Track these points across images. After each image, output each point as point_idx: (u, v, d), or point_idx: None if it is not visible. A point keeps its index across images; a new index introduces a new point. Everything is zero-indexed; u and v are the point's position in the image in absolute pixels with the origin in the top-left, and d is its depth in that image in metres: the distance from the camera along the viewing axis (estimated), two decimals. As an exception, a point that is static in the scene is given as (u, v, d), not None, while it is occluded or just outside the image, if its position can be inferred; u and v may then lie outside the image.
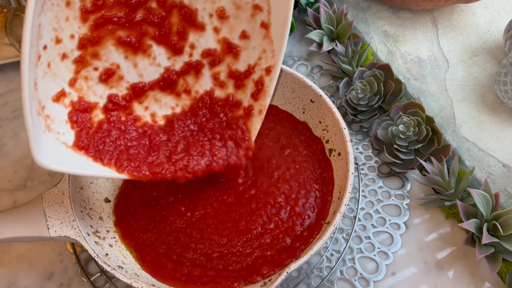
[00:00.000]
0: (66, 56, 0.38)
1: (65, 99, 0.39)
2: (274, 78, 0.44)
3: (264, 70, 0.45)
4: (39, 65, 0.34)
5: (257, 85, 0.46)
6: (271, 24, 0.42)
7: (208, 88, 0.48)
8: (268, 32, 0.43)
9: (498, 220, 0.45)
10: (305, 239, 0.45)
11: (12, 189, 0.57)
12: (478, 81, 0.62)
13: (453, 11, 0.69)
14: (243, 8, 0.43)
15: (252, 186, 0.49)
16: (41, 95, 0.34)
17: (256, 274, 0.43)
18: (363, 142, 0.58)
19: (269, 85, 0.45)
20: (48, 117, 0.36)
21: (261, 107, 0.46)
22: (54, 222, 0.43)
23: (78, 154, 0.38)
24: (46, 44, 0.35)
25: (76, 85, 0.40)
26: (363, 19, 0.70)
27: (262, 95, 0.46)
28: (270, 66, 0.44)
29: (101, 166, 0.40)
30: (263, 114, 0.46)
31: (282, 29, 0.41)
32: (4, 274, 0.50)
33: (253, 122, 0.47)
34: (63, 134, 0.37)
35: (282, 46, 0.42)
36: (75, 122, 0.39)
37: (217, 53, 0.46)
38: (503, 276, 0.47)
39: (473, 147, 0.56)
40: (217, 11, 0.44)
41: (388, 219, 0.52)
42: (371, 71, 0.58)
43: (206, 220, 0.47)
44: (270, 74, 0.44)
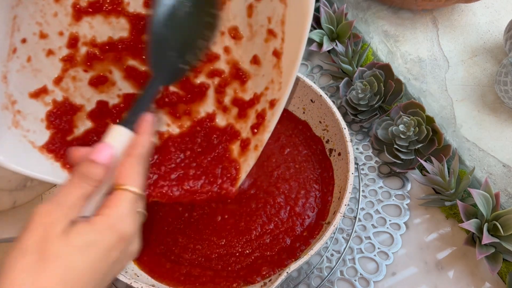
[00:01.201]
0: (53, 52, 0.37)
1: (46, 97, 0.37)
2: (277, 114, 0.40)
3: (268, 103, 0.42)
4: (14, 58, 0.33)
5: (258, 118, 0.43)
6: (283, 54, 0.39)
7: (211, 110, 0.45)
8: (279, 62, 0.40)
9: (498, 220, 0.45)
10: (305, 239, 0.45)
11: (11, 189, 0.57)
12: (479, 81, 0.62)
13: (453, 11, 0.69)
14: (257, 31, 0.41)
15: (252, 185, 0.49)
16: (13, 89, 0.33)
17: (256, 274, 0.43)
18: (363, 142, 0.58)
19: (270, 120, 0.41)
20: (19, 112, 0.34)
21: (258, 142, 0.42)
22: (54, 222, 0.43)
23: (43, 157, 0.36)
24: (25, 37, 0.34)
25: (62, 84, 0.39)
26: (363, 19, 0.70)
27: (261, 130, 0.42)
28: (275, 99, 0.41)
29: (67, 174, 0.37)
30: (259, 151, 0.42)
31: (293, 61, 0.38)
32: (4, 274, 0.50)
33: (248, 157, 0.43)
34: (34, 133, 0.36)
35: (290, 80, 0.39)
36: (52, 123, 0.38)
37: (225, 75, 0.44)
38: (503, 276, 0.47)
39: (473, 147, 0.56)
40: (230, 30, 0.42)
41: (388, 219, 0.52)
42: (371, 71, 0.58)
43: (205, 221, 0.47)
44: (273, 108, 0.41)
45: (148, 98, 0.33)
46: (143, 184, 0.28)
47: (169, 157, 0.43)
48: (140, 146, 0.29)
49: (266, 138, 0.42)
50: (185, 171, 0.43)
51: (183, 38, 0.39)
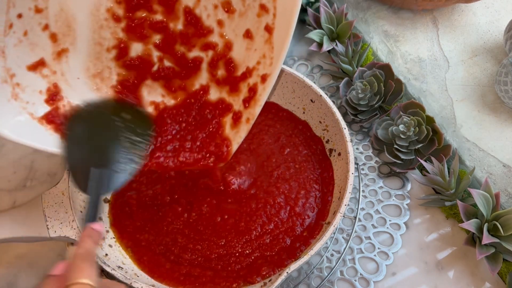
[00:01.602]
0: (49, 26, 0.38)
1: (44, 69, 0.38)
2: (268, 88, 0.42)
3: (260, 77, 0.43)
4: (10, 33, 0.34)
5: (250, 92, 0.44)
6: (275, 29, 0.40)
7: (204, 83, 0.46)
8: (271, 37, 0.41)
9: (498, 220, 0.45)
10: (305, 239, 0.45)
11: (11, 189, 0.57)
12: (479, 81, 0.62)
13: (454, 11, 0.69)
14: (249, 6, 0.42)
15: (252, 185, 0.49)
16: (11, 63, 0.34)
17: (256, 274, 0.43)
18: (363, 142, 0.58)
19: (261, 94, 0.42)
20: (18, 85, 0.35)
21: (249, 116, 0.44)
22: (53, 223, 0.43)
23: (43, 128, 0.37)
24: (21, 13, 0.35)
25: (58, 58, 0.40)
26: (363, 19, 0.70)
27: (253, 103, 0.43)
28: (266, 74, 0.42)
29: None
30: (250, 123, 0.43)
31: (284, 37, 0.39)
32: (4, 274, 0.50)
33: (239, 129, 0.44)
34: (33, 105, 0.37)
35: (281, 55, 0.40)
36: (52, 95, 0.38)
37: (218, 48, 0.45)
38: (503, 276, 0.47)
39: (473, 147, 0.56)
40: (223, 4, 0.43)
41: (389, 219, 0.52)
42: (371, 71, 0.58)
43: (204, 221, 0.47)
44: (264, 83, 0.42)
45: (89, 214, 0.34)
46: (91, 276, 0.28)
47: (165, 128, 0.44)
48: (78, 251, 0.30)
49: (257, 111, 0.43)
50: (181, 143, 0.44)
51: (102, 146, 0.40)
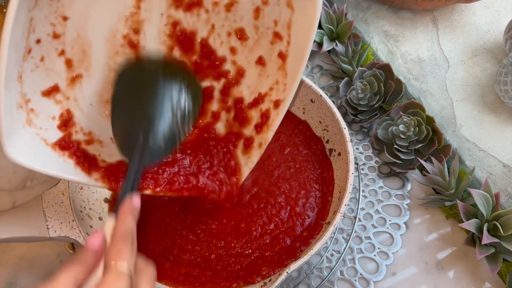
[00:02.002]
0: (65, 52, 0.38)
1: (58, 95, 0.38)
2: (281, 113, 0.42)
3: (272, 103, 0.43)
4: (28, 59, 0.34)
5: (262, 117, 0.44)
6: (288, 56, 0.40)
7: (216, 109, 0.46)
8: (284, 64, 0.41)
9: (498, 220, 0.45)
10: (305, 239, 0.45)
11: (11, 189, 0.57)
12: (479, 81, 0.62)
13: (454, 11, 0.69)
14: (263, 33, 0.42)
15: (254, 183, 0.49)
16: (26, 88, 0.34)
17: (256, 274, 0.43)
18: (363, 142, 0.58)
19: (274, 119, 0.42)
20: (32, 110, 0.35)
21: (262, 141, 0.44)
22: (53, 222, 0.43)
23: (56, 154, 0.36)
24: (40, 38, 0.34)
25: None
26: (363, 19, 0.70)
27: (265, 129, 0.43)
28: (279, 99, 0.42)
29: (80, 171, 0.37)
30: (263, 148, 0.44)
31: (298, 63, 0.39)
32: (4, 274, 0.50)
33: (251, 155, 0.45)
34: (46, 130, 0.36)
35: (294, 82, 0.40)
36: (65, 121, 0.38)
37: (230, 75, 0.45)
38: (504, 276, 0.47)
39: (473, 147, 0.56)
40: (236, 31, 0.43)
41: (388, 219, 0.52)
42: (371, 71, 0.58)
43: (200, 225, 0.47)
44: (277, 108, 0.42)
45: (128, 184, 0.33)
46: (129, 258, 0.28)
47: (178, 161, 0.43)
48: (119, 229, 0.30)
49: (270, 136, 0.43)
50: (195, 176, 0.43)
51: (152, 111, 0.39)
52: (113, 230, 0.30)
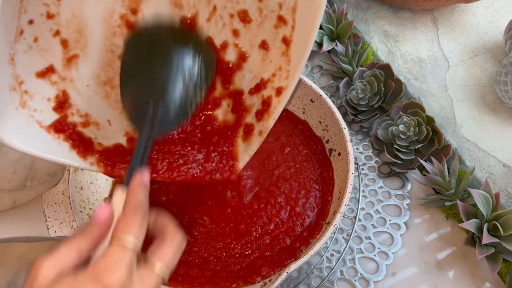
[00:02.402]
0: (60, 33, 0.37)
1: (53, 76, 0.37)
2: (283, 101, 0.40)
3: (275, 90, 0.41)
4: (21, 40, 0.33)
5: (263, 104, 0.42)
6: (293, 42, 0.39)
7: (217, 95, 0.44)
8: (288, 50, 0.39)
9: (498, 220, 0.45)
10: (305, 239, 0.45)
11: (11, 189, 0.57)
12: (479, 81, 0.62)
13: (454, 11, 0.69)
14: (267, 16, 0.40)
15: (255, 183, 0.49)
16: (19, 69, 0.33)
17: (255, 274, 0.43)
18: (363, 142, 0.58)
19: (276, 107, 0.40)
20: (26, 92, 0.34)
21: (262, 128, 0.42)
22: (53, 222, 0.43)
23: (51, 137, 0.36)
24: (32, 18, 0.34)
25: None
26: (363, 19, 0.70)
27: (266, 116, 0.41)
28: (282, 87, 0.40)
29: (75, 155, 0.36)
30: (263, 136, 0.41)
31: (302, 50, 0.37)
32: (4, 274, 0.50)
33: (251, 142, 0.43)
34: (41, 112, 0.35)
35: (298, 69, 0.38)
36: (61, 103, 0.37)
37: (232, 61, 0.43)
38: (504, 276, 0.47)
39: (473, 147, 0.56)
40: (239, 13, 0.41)
41: (388, 219, 0.52)
42: (371, 71, 0.58)
43: (198, 227, 0.47)
44: (280, 96, 0.40)
45: (138, 155, 0.32)
46: (137, 233, 0.27)
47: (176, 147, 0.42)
48: (130, 201, 0.29)
49: (271, 124, 0.41)
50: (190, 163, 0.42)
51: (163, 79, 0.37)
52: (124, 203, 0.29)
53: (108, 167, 0.38)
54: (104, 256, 0.26)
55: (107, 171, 0.38)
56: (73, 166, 0.38)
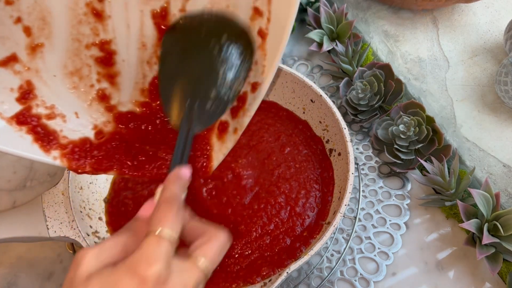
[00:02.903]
0: (21, 19, 0.35)
1: (16, 65, 0.35)
2: (259, 98, 0.39)
3: (250, 85, 0.40)
4: None
5: (238, 101, 0.41)
6: (268, 35, 0.37)
7: None
8: (264, 43, 0.38)
9: (498, 220, 0.45)
10: (305, 239, 0.45)
11: (11, 189, 0.57)
12: (479, 81, 0.62)
13: (454, 11, 0.69)
14: (242, 8, 0.39)
15: (255, 183, 0.49)
16: None
17: (255, 274, 0.43)
18: (364, 142, 0.58)
19: (251, 103, 0.39)
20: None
21: (237, 126, 0.41)
22: (53, 222, 0.43)
23: (12, 129, 0.35)
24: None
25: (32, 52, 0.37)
26: (363, 19, 0.70)
27: (241, 113, 0.40)
28: (257, 82, 0.39)
29: (37, 148, 0.35)
30: (238, 134, 0.40)
31: (278, 44, 0.36)
32: (4, 274, 0.50)
33: (226, 140, 0.41)
34: (2, 103, 0.34)
35: (274, 63, 0.37)
36: (25, 93, 0.36)
37: None
38: (504, 276, 0.47)
39: (473, 147, 0.56)
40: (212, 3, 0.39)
41: (389, 219, 0.52)
42: (371, 71, 0.58)
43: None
44: (255, 92, 0.39)
45: (177, 153, 0.33)
46: (173, 224, 0.27)
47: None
48: (164, 194, 0.29)
49: (247, 122, 0.40)
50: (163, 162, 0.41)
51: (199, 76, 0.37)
52: (159, 197, 0.29)
53: (72, 161, 0.37)
54: (140, 248, 0.25)
55: (71, 166, 0.37)
56: (34, 160, 0.36)
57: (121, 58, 0.40)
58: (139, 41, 0.40)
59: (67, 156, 0.37)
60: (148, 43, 0.40)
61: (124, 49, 0.40)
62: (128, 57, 0.40)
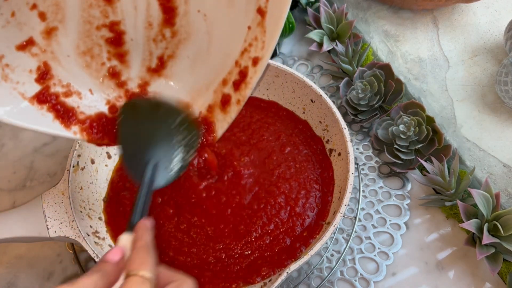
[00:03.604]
0: (37, 6, 0.37)
1: (33, 48, 0.38)
2: (259, 71, 0.41)
3: (251, 60, 0.42)
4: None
5: (240, 75, 0.43)
6: (267, 13, 0.40)
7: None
8: (263, 20, 0.40)
9: (498, 220, 0.45)
10: (305, 239, 0.45)
11: (11, 189, 0.57)
12: (479, 81, 0.62)
13: (454, 11, 0.69)
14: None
15: (255, 183, 0.49)
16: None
17: (255, 274, 0.43)
18: (364, 142, 0.58)
19: (252, 76, 0.42)
20: (8, 66, 0.35)
21: (240, 97, 0.43)
22: (53, 223, 0.43)
23: (34, 108, 0.37)
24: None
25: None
26: (364, 18, 0.70)
27: (243, 86, 0.43)
28: (258, 57, 0.41)
29: (59, 125, 0.38)
30: (241, 105, 0.43)
31: (277, 21, 0.38)
32: (3, 274, 0.50)
33: (230, 110, 0.44)
34: (23, 84, 0.36)
35: (273, 39, 0.39)
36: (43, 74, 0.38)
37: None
38: (504, 276, 0.47)
39: (473, 147, 0.56)
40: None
41: (389, 219, 0.52)
42: (371, 71, 0.58)
43: (196, 229, 0.46)
44: (256, 66, 0.42)
45: (139, 205, 0.34)
46: (151, 268, 0.28)
47: None
48: (140, 243, 0.31)
49: (248, 94, 0.43)
50: None
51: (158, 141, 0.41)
52: (132, 244, 0.31)
53: (91, 135, 0.40)
54: (125, 286, 0.26)
55: (90, 139, 0.40)
56: (57, 135, 0.39)
57: (129, 37, 0.43)
58: (145, 21, 0.42)
59: (86, 131, 0.40)
60: (154, 22, 0.42)
61: (132, 29, 0.42)
62: (135, 36, 0.43)
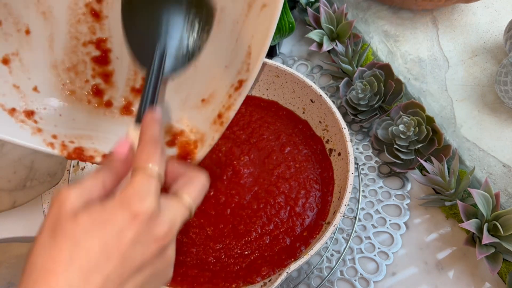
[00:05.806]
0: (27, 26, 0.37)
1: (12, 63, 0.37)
2: (244, 93, 0.40)
3: (237, 82, 0.41)
4: None
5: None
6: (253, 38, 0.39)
7: None
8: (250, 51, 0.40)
9: (498, 220, 0.45)
10: (305, 239, 0.45)
11: (11, 189, 0.57)
12: (479, 81, 0.62)
13: (454, 11, 0.69)
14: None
15: (254, 182, 0.49)
16: None
17: (255, 274, 0.43)
18: (363, 142, 0.58)
19: (236, 98, 0.41)
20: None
21: (223, 119, 0.42)
22: (53, 222, 0.43)
23: (13, 120, 0.36)
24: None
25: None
26: (363, 19, 0.70)
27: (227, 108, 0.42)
28: (242, 79, 0.41)
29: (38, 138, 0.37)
30: (224, 127, 0.42)
31: (261, 44, 0.38)
32: (3, 274, 0.50)
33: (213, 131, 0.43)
34: (3, 96, 0.36)
35: (257, 62, 0.39)
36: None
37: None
38: (504, 276, 0.47)
39: (473, 147, 0.56)
40: None
41: (389, 219, 0.52)
42: (371, 71, 0.58)
43: (195, 229, 0.46)
44: (239, 89, 0.41)
45: (148, 92, 0.33)
46: (159, 162, 0.27)
47: None
48: (147, 135, 0.29)
49: (232, 115, 0.42)
50: None
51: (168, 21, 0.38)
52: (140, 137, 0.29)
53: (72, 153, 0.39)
54: (131, 185, 0.26)
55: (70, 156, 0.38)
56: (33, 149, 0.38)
57: (115, 55, 0.42)
58: None
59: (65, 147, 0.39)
60: None
61: (119, 47, 0.42)
62: (121, 54, 0.42)
